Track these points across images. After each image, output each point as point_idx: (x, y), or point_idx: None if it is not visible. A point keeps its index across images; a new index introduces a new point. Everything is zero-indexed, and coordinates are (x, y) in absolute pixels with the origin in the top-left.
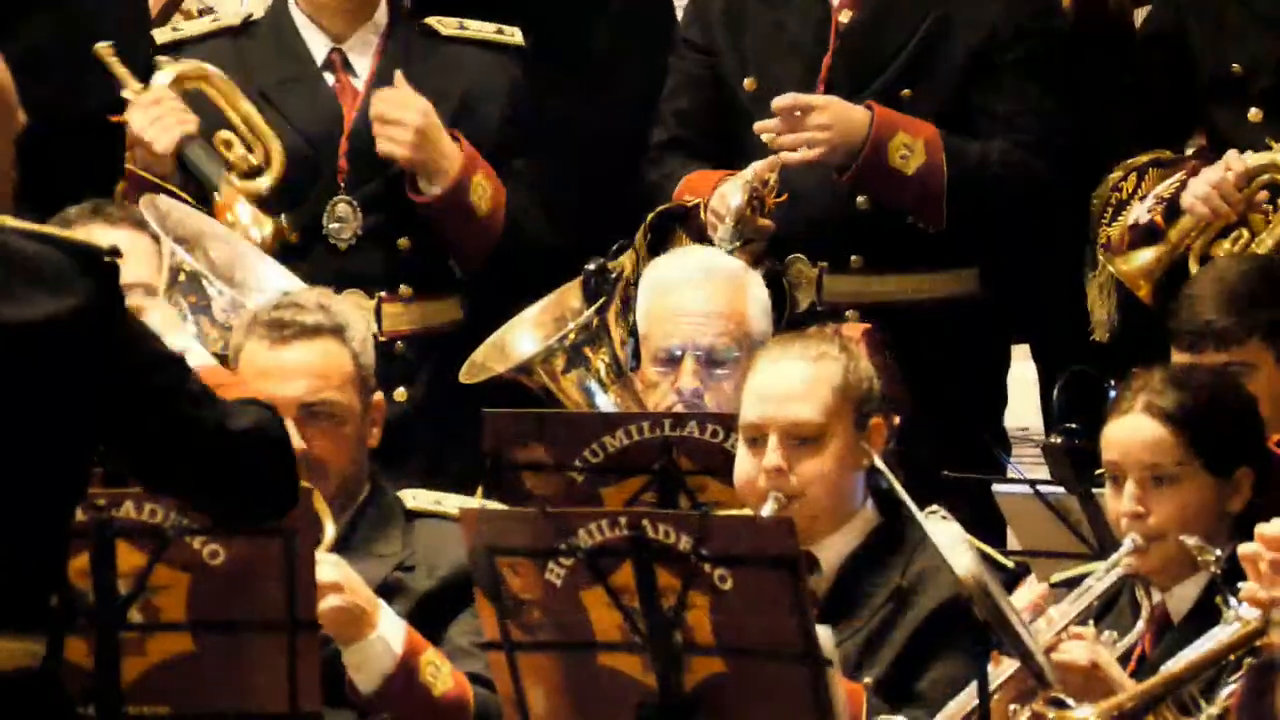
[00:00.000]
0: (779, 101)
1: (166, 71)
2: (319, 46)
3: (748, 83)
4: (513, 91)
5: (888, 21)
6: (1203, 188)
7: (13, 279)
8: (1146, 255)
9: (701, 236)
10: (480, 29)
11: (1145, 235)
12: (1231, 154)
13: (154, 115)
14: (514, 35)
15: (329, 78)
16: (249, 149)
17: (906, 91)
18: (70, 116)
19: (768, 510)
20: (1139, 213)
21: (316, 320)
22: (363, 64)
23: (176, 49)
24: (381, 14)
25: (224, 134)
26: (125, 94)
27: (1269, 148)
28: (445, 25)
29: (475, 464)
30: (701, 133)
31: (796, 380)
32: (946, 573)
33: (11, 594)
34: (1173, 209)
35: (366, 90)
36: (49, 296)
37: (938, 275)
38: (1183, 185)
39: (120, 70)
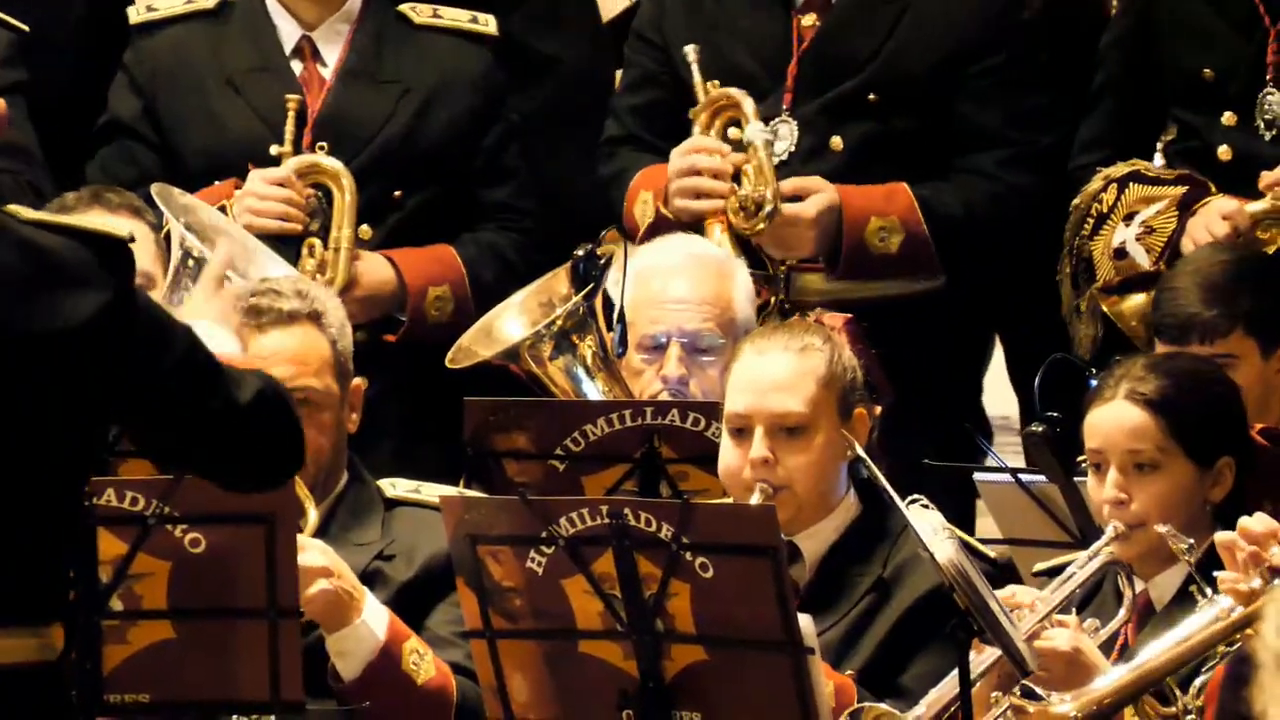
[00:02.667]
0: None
1: (302, 159)
2: (289, 34)
3: (710, 86)
4: (485, 82)
5: (855, 26)
6: (1206, 239)
7: (42, 281)
8: (1140, 298)
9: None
10: (455, 18)
11: (1137, 272)
12: (1231, 203)
13: (266, 193)
14: (488, 24)
15: (297, 66)
16: (321, 269)
17: (873, 96)
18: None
19: (755, 501)
20: (1124, 236)
21: (294, 307)
22: (332, 53)
23: (150, 30)
24: (355, 1)
25: (314, 240)
26: (273, 150)
27: (1251, 157)
28: (419, 13)
29: (441, 452)
30: (655, 130)
31: (782, 371)
32: (928, 563)
33: (29, 588)
34: (1173, 252)
35: (334, 80)
36: (79, 298)
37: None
38: (1175, 220)
39: (289, 128)
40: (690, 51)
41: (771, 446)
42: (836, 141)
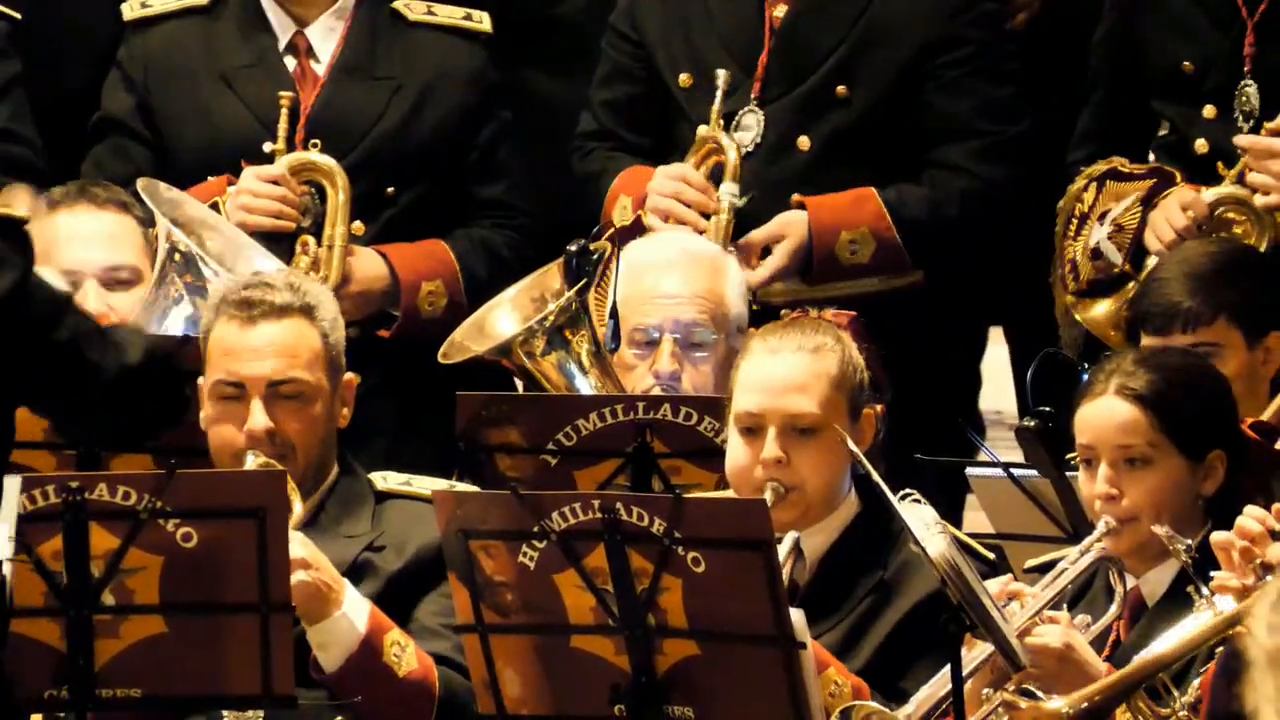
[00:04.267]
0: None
1: (296, 157)
2: (283, 30)
3: (683, 79)
4: (478, 79)
5: (823, 17)
6: (1167, 232)
7: None
8: (1108, 305)
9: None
10: (449, 15)
11: (1108, 272)
12: (1189, 193)
13: (261, 191)
14: (482, 22)
15: (290, 62)
16: (315, 266)
17: (841, 89)
18: (47, 93)
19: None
20: (1098, 236)
21: (285, 300)
22: (325, 49)
23: (144, 26)
24: None
25: (308, 237)
26: (267, 146)
27: (1227, 150)
28: (413, 10)
29: (433, 447)
30: (629, 125)
31: (796, 372)
32: (927, 563)
33: None
34: (1138, 249)
35: (327, 76)
36: None
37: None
38: (1139, 215)
39: (282, 125)
40: (721, 76)
41: (784, 446)
42: (803, 141)
